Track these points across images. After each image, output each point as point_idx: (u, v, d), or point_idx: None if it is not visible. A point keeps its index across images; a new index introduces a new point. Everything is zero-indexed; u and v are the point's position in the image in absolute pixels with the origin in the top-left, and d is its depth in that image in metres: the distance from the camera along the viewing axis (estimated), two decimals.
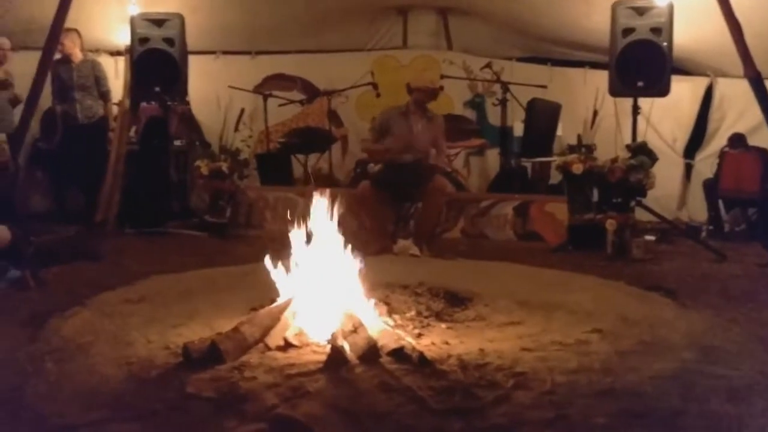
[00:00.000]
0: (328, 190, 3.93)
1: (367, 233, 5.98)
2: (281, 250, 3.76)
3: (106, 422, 2.68)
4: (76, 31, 7.21)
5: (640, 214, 6.41)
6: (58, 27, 6.54)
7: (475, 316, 3.93)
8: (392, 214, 6.30)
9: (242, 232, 6.99)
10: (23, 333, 3.87)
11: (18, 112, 7.09)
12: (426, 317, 3.84)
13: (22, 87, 7.08)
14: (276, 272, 3.68)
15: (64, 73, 7.32)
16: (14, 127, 6.85)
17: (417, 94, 6.21)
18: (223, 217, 7.07)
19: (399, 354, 3.09)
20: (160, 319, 3.89)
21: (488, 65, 8.23)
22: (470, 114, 8.86)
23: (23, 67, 7.13)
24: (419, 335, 3.51)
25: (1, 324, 4.04)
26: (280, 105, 8.39)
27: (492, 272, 5.17)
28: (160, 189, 7.32)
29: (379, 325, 3.42)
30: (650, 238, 6.56)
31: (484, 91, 8.83)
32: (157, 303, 4.25)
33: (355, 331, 3.26)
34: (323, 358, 3.09)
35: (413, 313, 3.88)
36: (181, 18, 6.90)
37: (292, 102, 8.52)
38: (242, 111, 8.58)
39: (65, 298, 4.47)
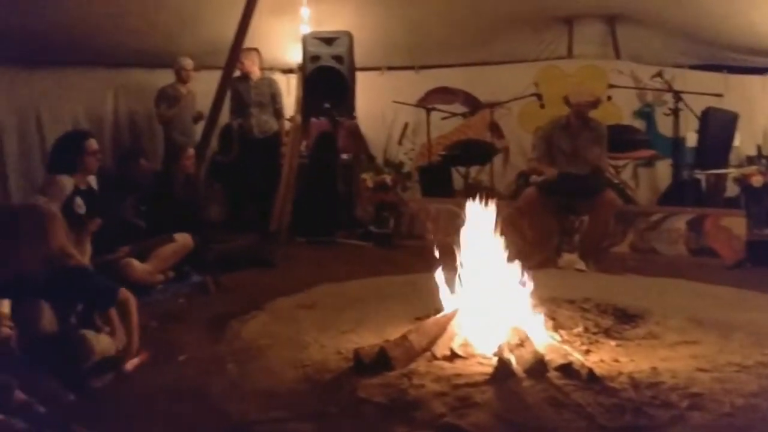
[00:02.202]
0: (489, 202, 3.94)
1: (529, 245, 5.92)
2: (444, 261, 3.81)
3: (284, 421, 2.84)
4: (256, 50, 7.64)
5: None
6: (237, 47, 6.97)
7: (646, 334, 3.81)
8: (556, 226, 6.19)
9: (405, 243, 7.11)
10: (206, 334, 4.17)
11: (199, 127, 7.67)
12: (594, 333, 3.76)
13: (202, 104, 7.64)
14: (443, 283, 3.72)
15: (242, 90, 7.76)
16: (196, 142, 7.37)
17: (576, 107, 6.10)
18: (387, 228, 7.24)
19: (567, 369, 3.06)
20: (332, 324, 4.05)
21: (659, 74, 7.93)
22: (639, 124, 8.54)
23: (204, 85, 7.68)
24: (587, 351, 3.45)
25: (186, 325, 4.38)
26: (443, 118, 8.48)
27: (663, 289, 4.98)
28: (329, 201, 7.59)
29: (546, 340, 3.39)
30: None
31: (653, 101, 8.50)
32: (328, 309, 4.43)
33: (521, 344, 3.25)
34: (490, 370, 3.11)
35: (580, 329, 3.81)
36: (349, 36, 7.14)
37: (454, 115, 8.59)
38: (406, 125, 8.76)
39: (243, 303, 4.76)
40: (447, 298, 3.73)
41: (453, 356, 3.33)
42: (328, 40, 7.15)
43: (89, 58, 7.62)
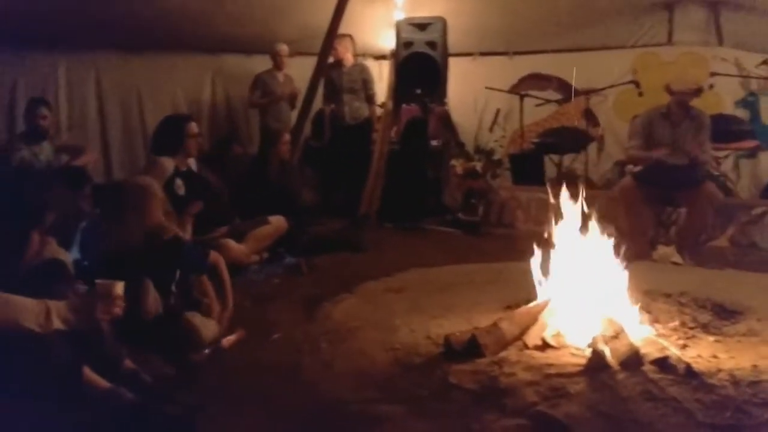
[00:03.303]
0: (583, 191, 3.87)
1: (623, 237, 5.78)
2: (535, 250, 3.77)
3: (375, 402, 2.89)
4: (349, 36, 7.70)
5: None
6: (332, 34, 7.05)
7: (747, 331, 3.66)
8: (653, 217, 6.02)
9: (494, 231, 7.06)
10: (299, 314, 4.27)
11: (293, 113, 7.80)
12: (691, 328, 3.65)
13: (298, 90, 7.76)
14: (536, 272, 3.69)
15: (335, 76, 7.84)
16: (291, 128, 7.51)
17: (678, 96, 5.89)
18: (476, 215, 7.21)
19: (663, 363, 2.99)
20: (421, 309, 4.08)
21: (765, 62, 7.58)
22: (742, 114, 8.20)
23: (298, 71, 7.81)
24: (684, 346, 3.35)
25: (281, 305, 4.50)
26: (537, 105, 8.36)
27: (765, 285, 4.77)
28: (418, 187, 7.61)
29: (642, 333, 3.32)
30: None
31: (758, 90, 8.15)
32: (416, 294, 4.46)
33: (616, 336, 3.19)
34: (583, 361, 3.07)
35: (677, 323, 3.70)
36: (443, 22, 7.12)
37: (548, 101, 8.46)
38: (498, 111, 8.68)
39: (334, 285, 4.85)
40: (539, 288, 3.69)
41: (545, 346, 3.29)
42: (421, 25, 7.15)
43: (189, 44, 7.86)
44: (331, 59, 7.64)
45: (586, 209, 3.75)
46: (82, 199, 5.15)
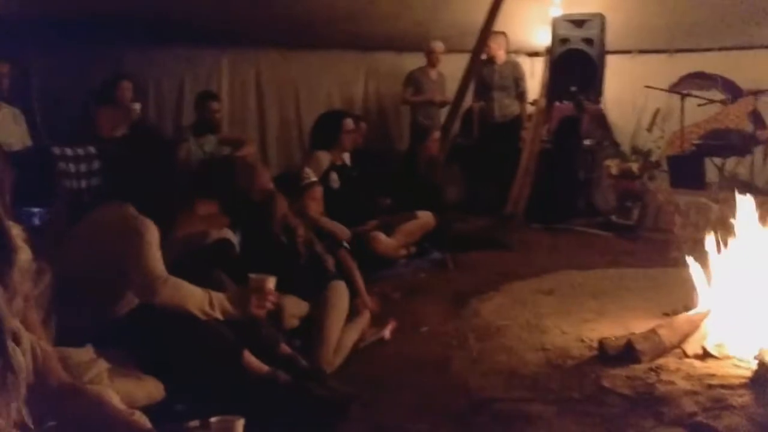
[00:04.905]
0: (750, 197, 3.66)
1: None
2: (695, 257, 3.60)
3: (525, 401, 2.87)
4: (503, 34, 7.64)
5: None
6: (487, 31, 7.02)
7: None
8: None
9: (649, 235, 6.78)
10: (446, 309, 4.30)
11: (443, 111, 7.84)
12: None
13: (448, 88, 7.79)
14: (698, 279, 3.53)
15: (486, 73, 7.81)
16: (441, 125, 7.54)
17: None
18: (630, 218, 6.96)
19: None
20: (571, 312, 4.00)
21: None
22: None
23: (450, 68, 7.83)
24: None
25: (429, 299, 4.54)
26: (699, 105, 7.94)
27: None
28: (568, 187, 7.44)
29: None
30: None
31: None
32: (567, 296, 4.38)
33: None
34: (747, 373, 2.92)
35: None
36: (602, 18, 6.91)
37: (712, 102, 8.02)
38: (657, 111, 8.32)
39: (480, 282, 4.84)
40: (701, 296, 3.52)
41: (705, 355, 3.15)
42: (578, 22, 6.98)
43: (344, 42, 8.07)
44: (483, 56, 7.61)
45: (752, 216, 3.55)
46: None
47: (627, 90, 8.30)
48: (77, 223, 3.11)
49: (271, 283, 2.88)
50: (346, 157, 5.61)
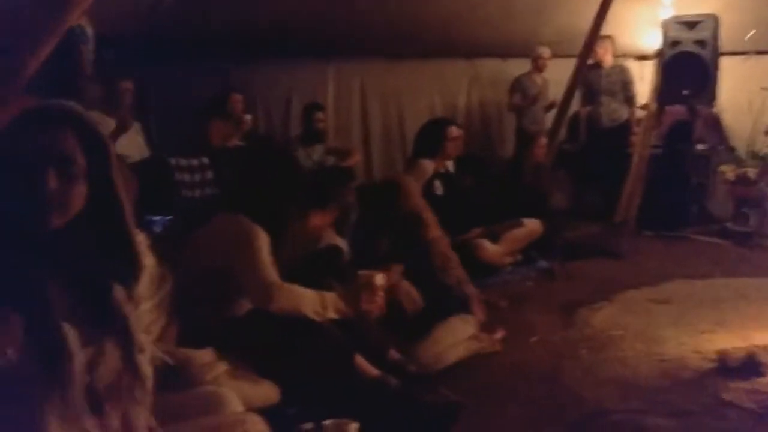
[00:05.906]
0: None
1: None
2: None
3: (642, 413, 2.79)
4: (610, 38, 7.47)
5: None
6: (594, 35, 6.87)
7: None
8: None
9: None
10: (556, 319, 4.22)
11: (549, 116, 7.72)
12: None
13: (554, 93, 7.68)
14: None
15: (593, 78, 7.65)
16: (545, 130, 7.44)
17: None
18: (747, 226, 6.65)
19: None
20: (688, 322, 3.87)
21: None
22: None
23: (555, 74, 7.71)
24: None
25: (537, 308, 4.47)
26: None
27: None
28: (680, 193, 7.19)
29: None
30: None
31: None
32: (683, 306, 4.23)
33: None
34: None
35: None
36: (715, 19, 6.66)
37: None
38: None
39: (590, 291, 4.73)
40: None
41: None
42: (690, 23, 6.74)
43: (447, 50, 8.07)
44: (590, 61, 7.45)
45: None
46: (350, 195, 5.48)
47: (743, 92, 7.92)
48: (194, 232, 3.23)
49: (379, 278, 2.91)
50: (449, 164, 5.61)
